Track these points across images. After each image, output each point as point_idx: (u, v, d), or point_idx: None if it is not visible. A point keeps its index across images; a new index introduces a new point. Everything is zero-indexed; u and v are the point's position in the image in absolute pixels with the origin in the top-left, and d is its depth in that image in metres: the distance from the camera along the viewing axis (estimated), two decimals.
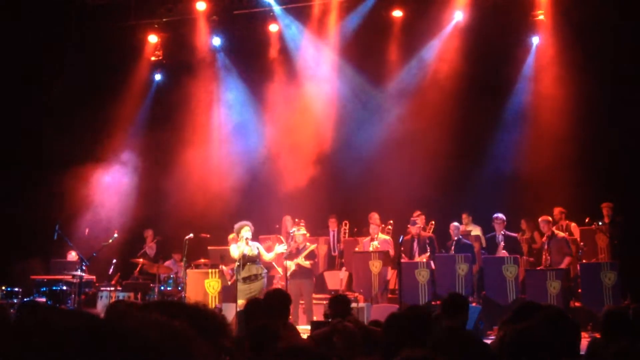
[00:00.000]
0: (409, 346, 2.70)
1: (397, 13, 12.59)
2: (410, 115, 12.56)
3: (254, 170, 13.25)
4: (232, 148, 13.75)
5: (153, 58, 13.88)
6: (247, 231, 8.94)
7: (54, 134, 12.50)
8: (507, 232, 10.53)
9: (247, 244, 8.91)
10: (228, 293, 10.05)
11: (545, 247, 10.15)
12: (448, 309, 4.62)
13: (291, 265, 10.01)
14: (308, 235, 10.65)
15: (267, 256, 9.25)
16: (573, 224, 10.85)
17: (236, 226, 9.12)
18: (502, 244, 10.43)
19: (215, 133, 13.99)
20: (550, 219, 10.36)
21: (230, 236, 11.27)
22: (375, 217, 11.68)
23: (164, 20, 13.21)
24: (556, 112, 11.71)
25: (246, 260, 8.91)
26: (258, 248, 9.14)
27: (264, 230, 11.67)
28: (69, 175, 12.76)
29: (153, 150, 13.59)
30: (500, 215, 10.53)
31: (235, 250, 8.97)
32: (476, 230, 11.68)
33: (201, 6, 12.87)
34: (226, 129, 13.93)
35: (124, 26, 13.22)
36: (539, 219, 10.42)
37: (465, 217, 11.77)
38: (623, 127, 11.02)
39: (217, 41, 13.62)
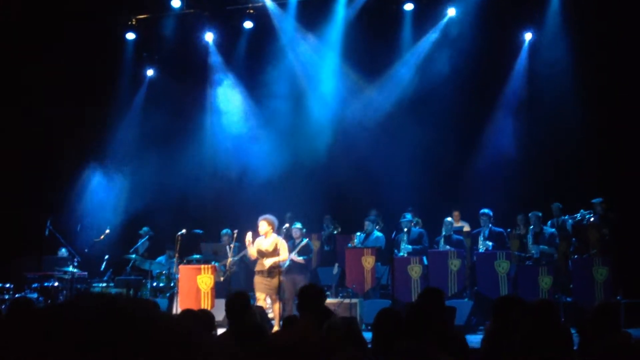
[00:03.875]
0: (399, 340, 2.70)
1: (393, 8, 12.60)
2: (406, 112, 12.57)
3: (248, 166, 13.21)
4: (225, 144, 13.71)
5: (145, 54, 13.84)
6: (261, 225, 9.01)
7: (46, 130, 12.43)
8: (493, 227, 10.55)
9: (266, 237, 9.00)
10: (221, 289, 10.04)
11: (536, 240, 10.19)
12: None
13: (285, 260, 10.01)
14: (305, 230, 10.64)
15: (283, 256, 9.21)
16: (569, 220, 10.88)
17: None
18: (483, 236, 10.43)
19: (208, 130, 13.93)
20: (540, 214, 10.38)
21: (223, 232, 11.27)
22: (371, 213, 11.72)
23: (156, 15, 13.13)
24: (550, 109, 11.75)
25: (262, 254, 8.95)
26: (277, 244, 9.09)
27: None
28: (60, 172, 12.72)
29: (145, 146, 13.52)
30: (486, 210, 10.57)
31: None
32: (466, 227, 11.73)
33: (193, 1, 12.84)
34: (220, 126, 13.86)
35: (114, 22, 13.14)
36: (529, 214, 10.45)
37: (457, 214, 11.81)
38: (618, 123, 11.05)
39: (209, 37, 13.55)
